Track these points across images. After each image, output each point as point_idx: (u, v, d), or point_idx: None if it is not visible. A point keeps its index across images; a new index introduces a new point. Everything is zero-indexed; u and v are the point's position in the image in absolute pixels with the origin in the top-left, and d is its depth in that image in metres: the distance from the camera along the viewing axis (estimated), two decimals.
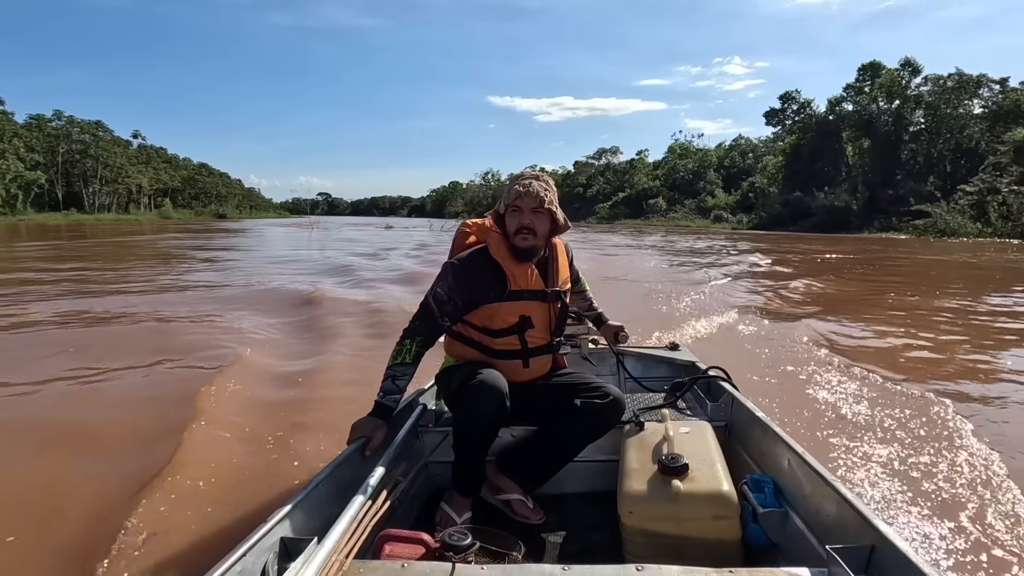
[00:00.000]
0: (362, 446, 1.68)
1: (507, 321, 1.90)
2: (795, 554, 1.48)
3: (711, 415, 2.13)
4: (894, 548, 1.13)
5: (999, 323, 6.72)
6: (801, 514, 1.52)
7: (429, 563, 1.27)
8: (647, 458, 1.70)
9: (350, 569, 1.22)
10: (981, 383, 4.20)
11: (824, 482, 1.42)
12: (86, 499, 2.39)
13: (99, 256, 16.13)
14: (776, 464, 1.71)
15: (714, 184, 67.26)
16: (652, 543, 1.56)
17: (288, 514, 1.31)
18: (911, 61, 47.26)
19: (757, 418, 1.88)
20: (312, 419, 3.22)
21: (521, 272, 1.89)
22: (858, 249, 21.76)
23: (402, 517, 1.78)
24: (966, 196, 34.86)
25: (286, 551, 1.26)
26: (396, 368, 1.79)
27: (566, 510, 1.97)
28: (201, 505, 2.32)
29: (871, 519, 1.22)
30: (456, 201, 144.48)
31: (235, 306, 7.14)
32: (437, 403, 2.22)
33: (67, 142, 66.88)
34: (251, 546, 1.17)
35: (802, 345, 5.22)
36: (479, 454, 1.85)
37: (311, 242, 24.51)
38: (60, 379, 4.02)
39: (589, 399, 1.86)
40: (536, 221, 1.85)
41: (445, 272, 1.91)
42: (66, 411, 3.45)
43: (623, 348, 2.56)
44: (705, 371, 2.38)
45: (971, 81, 44.57)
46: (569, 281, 2.07)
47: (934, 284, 11.00)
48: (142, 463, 2.65)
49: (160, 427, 3.08)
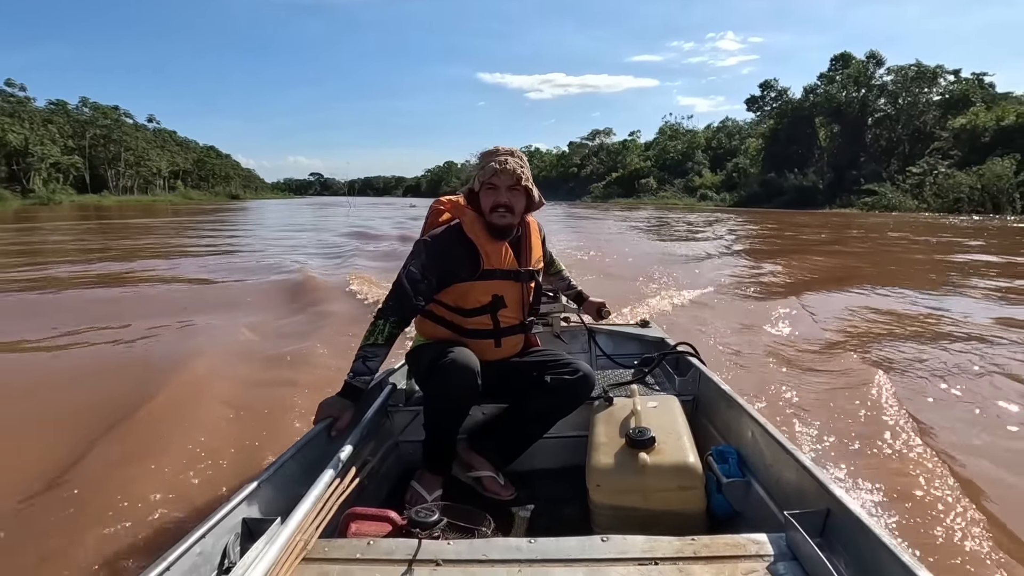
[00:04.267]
0: (328, 426, 1.67)
1: (479, 300, 1.90)
2: (757, 522, 1.51)
3: (679, 389, 2.17)
4: (848, 512, 1.17)
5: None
6: (762, 482, 1.57)
7: (395, 540, 1.27)
8: (615, 432, 1.72)
9: (315, 548, 1.22)
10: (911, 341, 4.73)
11: (784, 451, 1.45)
12: (41, 475, 2.36)
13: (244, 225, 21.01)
14: (740, 435, 1.75)
15: (701, 164, 71.86)
16: (620, 515, 1.58)
17: (251, 494, 1.30)
18: (875, 54, 52.38)
19: (723, 391, 1.91)
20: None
21: (495, 251, 1.88)
22: (809, 222, 27.24)
23: (371, 496, 1.76)
24: (912, 177, 40.47)
25: (248, 532, 1.26)
26: (368, 349, 1.77)
27: (536, 486, 1.98)
28: (164, 485, 2.30)
29: (827, 484, 1.26)
30: (452, 180, 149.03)
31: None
32: (408, 383, 2.23)
33: (93, 127, 71.00)
34: (211, 527, 1.16)
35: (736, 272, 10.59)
36: (450, 432, 1.85)
37: (360, 217, 29.77)
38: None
39: (559, 375, 1.88)
40: (513, 198, 1.84)
41: (418, 250, 1.88)
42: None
43: (594, 326, 2.63)
44: (674, 347, 2.41)
45: (928, 72, 49.83)
46: (542, 260, 2.08)
47: (840, 234, 16.58)
48: (104, 436, 2.70)
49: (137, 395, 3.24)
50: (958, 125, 40.95)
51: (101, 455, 2.58)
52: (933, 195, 37.15)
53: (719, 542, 1.22)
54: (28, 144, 55.07)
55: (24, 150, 54.92)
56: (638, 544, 1.22)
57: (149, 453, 2.62)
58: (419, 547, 1.21)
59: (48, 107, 69.27)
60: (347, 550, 1.23)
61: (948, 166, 38.71)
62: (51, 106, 69.96)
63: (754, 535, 1.24)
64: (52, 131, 61.78)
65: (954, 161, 39.11)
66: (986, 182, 34.02)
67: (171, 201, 70.37)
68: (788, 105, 58.56)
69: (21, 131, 55.72)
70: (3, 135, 53.10)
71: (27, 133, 56.25)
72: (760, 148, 60.94)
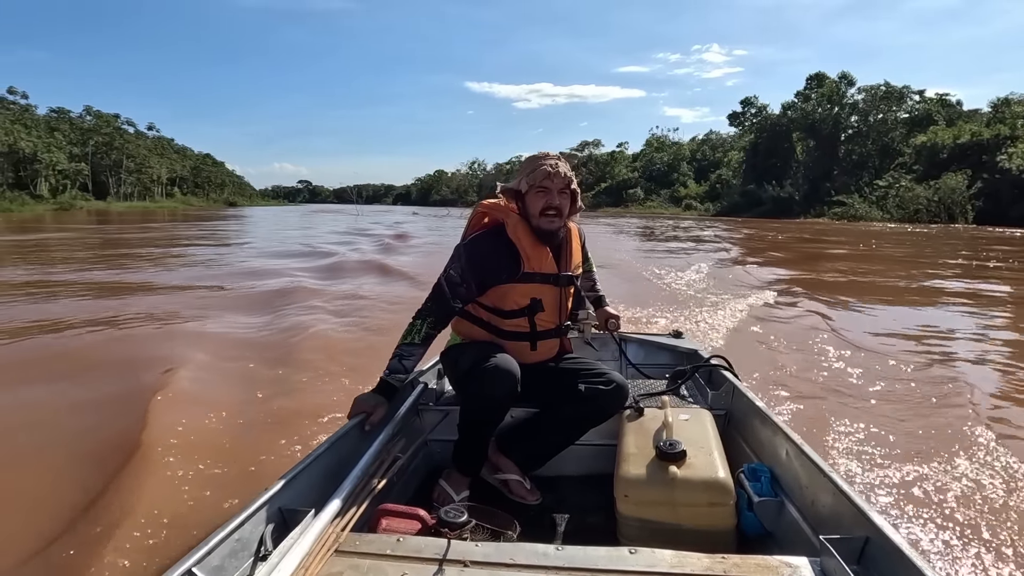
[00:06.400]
0: (361, 421, 1.71)
1: (518, 303, 1.91)
2: (789, 543, 1.48)
3: (711, 403, 2.14)
4: (888, 540, 1.13)
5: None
6: (797, 504, 1.53)
7: (425, 539, 1.29)
8: (645, 443, 1.71)
9: (346, 541, 1.25)
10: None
11: (821, 473, 1.42)
12: (80, 472, 2.41)
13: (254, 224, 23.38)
14: (774, 454, 1.72)
15: (686, 176, 75.16)
16: (647, 527, 1.56)
17: (286, 485, 1.34)
18: (847, 74, 56.19)
19: (756, 408, 1.89)
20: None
21: (536, 254, 1.89)
22: (780, 228, 30.27)
23: (399, 493, 1.80)
24: (878, 189, 44.04)
25: (283, 521, 1.29)
26: (405, 348, 1.82)
27: (563, 492, 1.99)
28: (199, 478, 2.37)
29: (866, 511, 1.22)
30: (442, 189, 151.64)
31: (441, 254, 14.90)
32: (439, 382, 2.26)
33: (96, 135, 72.85)
34: (249, 515, 1.20)
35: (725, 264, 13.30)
36: (485, 435, 1.86)
37: (372, 222, 32.24)
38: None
39: (593, 385, 1.88)
40: (563, 202, 1.88)
41: (458, 253, 1.91)
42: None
43: (625, 334, 2.64)
44: (707, 360, 2.39)
45: (896, 91, 53.70)
46: (581, 266, 2.11)
47: (798, 241, 19.44)
48: (135, 429, 2.72)
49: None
50: (919, 142, 44.81)
51: (128, 446, 2.61)
52: (896, 206, 40.70)
53: (750, 562, 1.19)
54: (37, 151, 56.93)
55: (32, 157, 56.73)
56: (667, 559, 1.20)
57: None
58: (448, 547, 1.23)
59: (50, 114, 71.09)
60: (377, 545, 1.25)
61: (911, 180, 42.31)
62: (52, 113, 71.78)
63: (787, 558, 1.21)
64: (59, 138, 63.60)
65: (916, 175, 42.76)
66: (942, 195, 37.56)
67: (174, 207, 72.42)
68: (767, 121, 61.89)
69: (30, 138, 57.54)
70: (15, 142, 54.89)
71: (36, 141, 58.08)
72: (741, 161, 64.43)
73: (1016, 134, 37.73)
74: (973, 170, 37.41)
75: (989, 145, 38.45)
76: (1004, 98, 43.98)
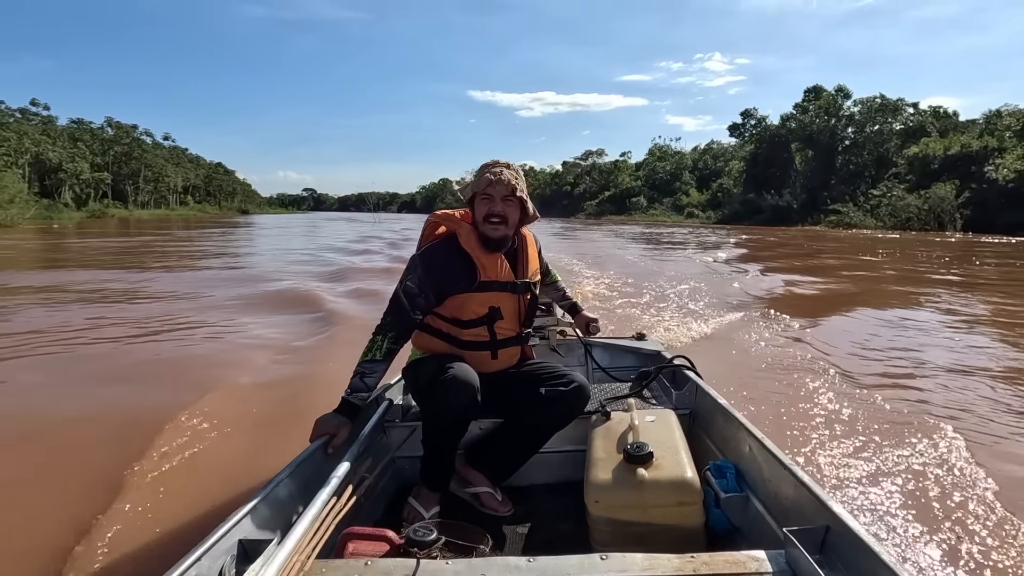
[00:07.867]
0: (325, 443, 1.66)
1: (476, 312, 1.90)
2: (755, 537, 1.52)
3: (676, 403, 2.19)
4: (847, 529, 1.18)
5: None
6: (761, 498, 1.57)
7: (393, 560, 1.26)
8: (613, 447, 1.73)
9: (312, 569, 1.21)
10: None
11: (782, 466, 1.46)
12: (40, 499, 2.38)
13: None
14: (738, 450, 1.76)
15: (688, 184, 76.70)
16: (618, 531, 1.58)
17: (247, 514, 1.29)
18: (843, 87, 58.05)
19: (720, 405, 1.93)
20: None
21: (491, 262, 1.89)
22: (779, 235, 32.05)
23: (368, 514, 1.77)
24: (872, 198, 45.81)
25: (244, 553, 1.24)
26: (365, 365, 1.77)
27: (534, 501, 1.98)
28: (160, 507, 2.29)
29: (826, 501, 1.26)
30: (447, 197, 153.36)
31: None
32: (404, 397, 2.23)
33: (116, 145, 75.26)
34: (207, 549, 1.15)
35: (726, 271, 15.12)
36: (449, 448, 1.85)
37: (389, 230, 34.19)
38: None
39: (554, 387, 1.88)
40: (507, 209, 1.86)
41: (414, 264, 1.90)
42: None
43: (591, 339, 2.63)
44: (670, 360, 2.42)
45: (891, 104, 55.54)
46: (539, 272, 2.10)
47: (794, 246, 21.22)
48: (101, 457, 2.68)
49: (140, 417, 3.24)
50: (912, 153, 46.67)
51: (88, 473, 2.60)
52: (888, 215, 42.45)
53: (719, 559, 1.21)
54: (62, 161, 59.25)
55: (58, 166, 59.04)
56: (637, 562, 1.21)
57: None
58: (417, 567, 1.21)
59: (70, 125, 73.53)
60: (344, 571, 1.22)
61: (903, 189, 44.07)
62: (72, 124, 74.22)
63: (753, 552, 1.24)
64: (83, 149, 65.98)
65: (908, 185, 44.48)
66: (932, 204, 39.27)
67: (191, 214, 74.86)
68: (766, 131, 63.63)
69: (56, 149, 59.87)
70: (43, 152, 57.22)
71: (61, 151, 60.44)
72: (742, 170, 66.16)
73: (1004, 146, 39.43)
74: (962, 180, 39.04)
75: (978, 156, 40.16)
76: (996, 110, 45.67)
